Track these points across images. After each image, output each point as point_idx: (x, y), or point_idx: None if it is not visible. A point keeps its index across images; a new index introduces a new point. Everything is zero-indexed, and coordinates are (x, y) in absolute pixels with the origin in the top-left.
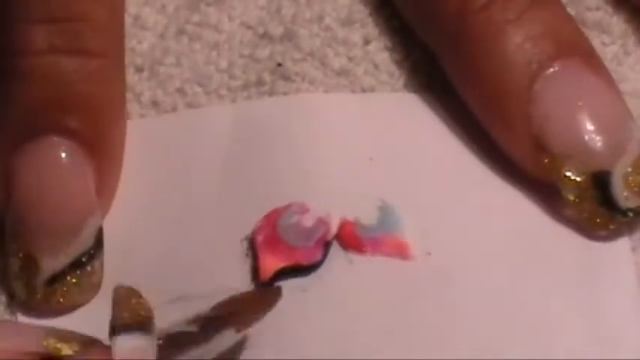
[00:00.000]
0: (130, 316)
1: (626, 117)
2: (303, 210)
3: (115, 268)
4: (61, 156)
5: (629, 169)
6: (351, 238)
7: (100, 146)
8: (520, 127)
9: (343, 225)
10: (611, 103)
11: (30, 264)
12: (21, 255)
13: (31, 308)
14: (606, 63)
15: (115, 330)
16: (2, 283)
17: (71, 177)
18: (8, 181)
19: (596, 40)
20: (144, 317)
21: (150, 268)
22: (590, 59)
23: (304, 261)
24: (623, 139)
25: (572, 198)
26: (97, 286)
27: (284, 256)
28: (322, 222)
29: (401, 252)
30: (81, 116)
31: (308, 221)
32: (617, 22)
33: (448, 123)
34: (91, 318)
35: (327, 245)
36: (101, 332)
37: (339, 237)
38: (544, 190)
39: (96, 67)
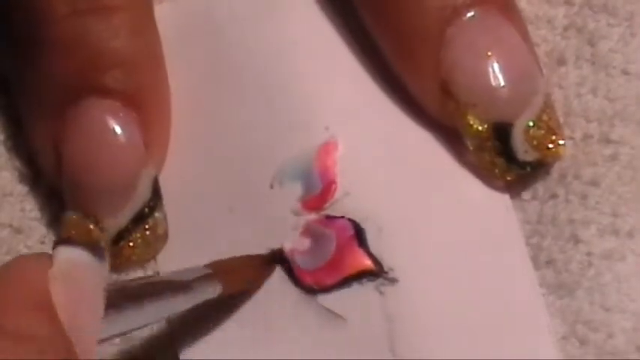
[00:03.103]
0: (78, 234)
1: (534, 70)
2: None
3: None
4: (103, 116)
5: (531, 123)
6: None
7: (141, 99)
8: (429, 71)
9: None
10: (521, 55)
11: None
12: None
13: None
14: (612, 44)
15: (57, 243)
16: None
17: (116, 134)
18: (57, 148)
19: (602, 22)
20: (94, 240)
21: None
22: (506, 8)
23: None
24: (529, 92)
25: (472, 146)
26: (163, 237)
27: None
28: None
29: None
30: (116, 73)
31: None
32: (623, 4)
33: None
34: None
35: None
36: None
37: None
38: (454, 133)
39: (121, 21)
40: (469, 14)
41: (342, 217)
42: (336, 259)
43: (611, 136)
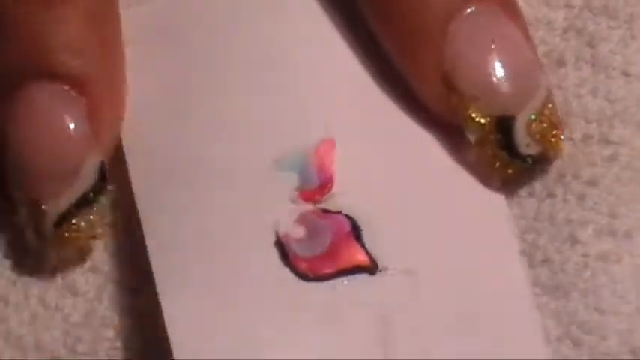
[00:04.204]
0: None
1: (535, 65)
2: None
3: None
4: (47, 100)
5: (533, 117)
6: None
7: (91, 84)
8: (431, 65)
9: None
10: (522, 49)
11: (35, 209)
12: (25, 202)
13: (44, 256)
14: (612, 46)
15: None
16: (9, 244)
17: (61, 118)
18: (2, 129)
19: (602, 24)
20: None
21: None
22: (507, 4)
23: None
24: (531, 86)
25: (474, 139)
26: (106, 223)
27: None
28: None
29: None
30: (62, 57)
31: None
32: (623, 7)
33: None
34: None
35: None
36: None
37: None
38: (451, 133)
39: (73, 5)
40: (471, 8)
41: (340, 212)
42: (333, 250)
43: (610, 137)
